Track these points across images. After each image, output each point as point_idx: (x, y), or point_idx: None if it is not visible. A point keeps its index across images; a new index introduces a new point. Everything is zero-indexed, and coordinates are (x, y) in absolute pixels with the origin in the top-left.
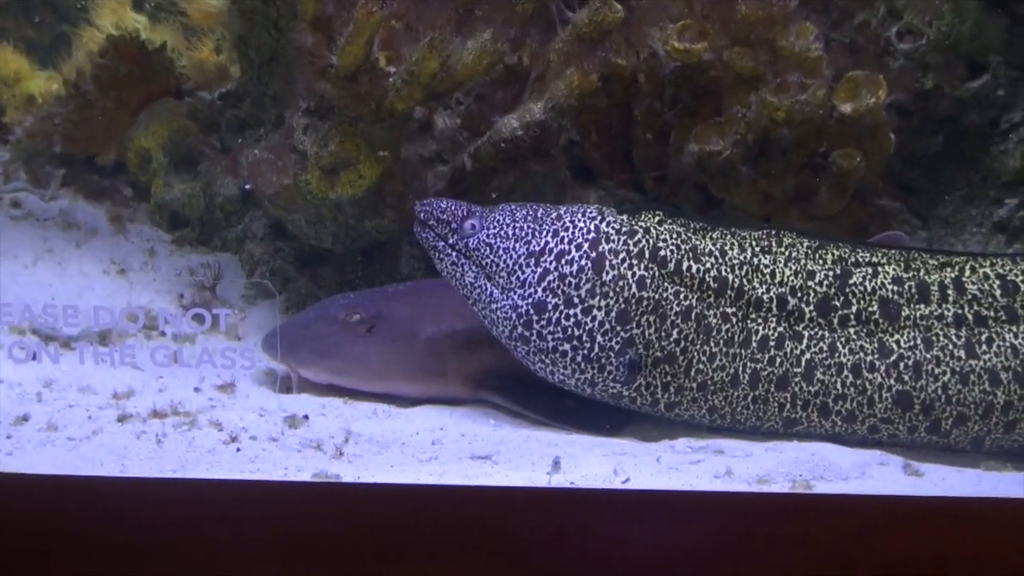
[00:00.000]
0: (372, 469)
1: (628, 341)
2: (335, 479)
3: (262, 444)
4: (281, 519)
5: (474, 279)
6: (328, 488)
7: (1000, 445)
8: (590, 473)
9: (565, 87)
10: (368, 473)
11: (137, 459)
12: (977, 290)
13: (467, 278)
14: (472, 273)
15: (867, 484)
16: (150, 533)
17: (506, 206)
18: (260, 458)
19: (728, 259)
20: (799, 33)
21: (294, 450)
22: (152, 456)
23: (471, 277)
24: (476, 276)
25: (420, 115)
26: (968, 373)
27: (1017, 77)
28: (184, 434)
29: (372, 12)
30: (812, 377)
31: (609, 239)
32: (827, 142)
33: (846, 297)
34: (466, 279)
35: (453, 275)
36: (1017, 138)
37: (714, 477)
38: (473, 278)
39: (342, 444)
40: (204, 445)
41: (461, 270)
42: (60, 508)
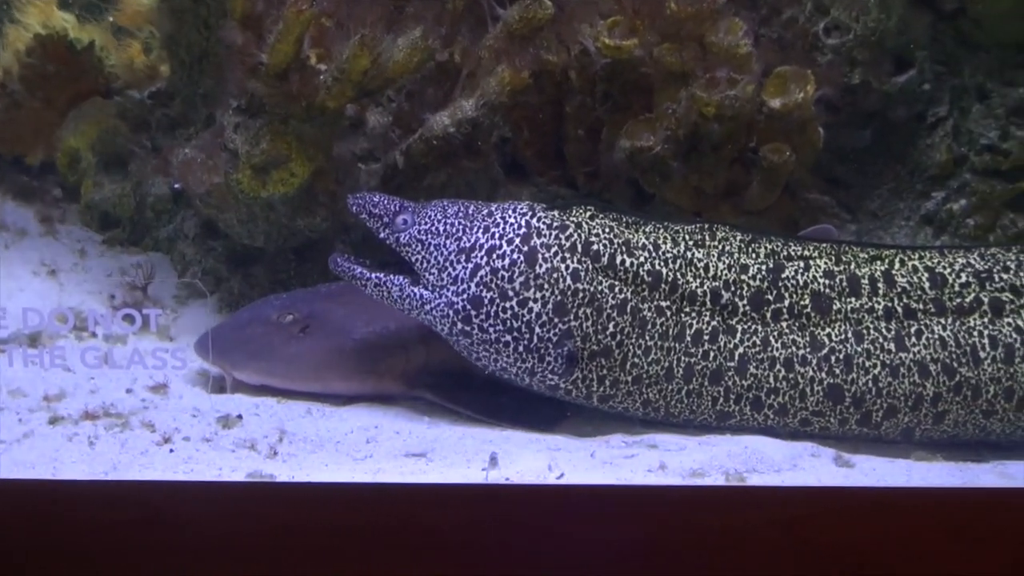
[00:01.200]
0: (307, 468)
1: (566, 333)
2: (269, 479)
3: (196, 445)
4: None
5: (400, 292)
6: (262, 488)
7: (930, 436)
8: (525, 469)
9: (497, 84)
10: (303, 472)
11: (69, 461)
12: (906, 283)
13: (394, 293)
14: (397, 287)
15: (799, 476)
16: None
17: (439, 202)
18: (194, 459)
19: (662, 253)
20: (728, 29)
21: (228, 450)
22: (85, 458)
23: (397, 292)
24: (401, 288)
25: (352, 113)
26: (898, 366)
27: (942, 72)
28: (116, 436)
29: (302, 10)
30: (745, 371)
31: (540, 234)
32: (757, 137)
33: (779, 291)
34: (393, 295)
35: (381, 296)
36: (943, 132)
37: (648, 471)
38: (399, 291)
39: (276, 444)
40: (137, 447)
41: (386, 289)
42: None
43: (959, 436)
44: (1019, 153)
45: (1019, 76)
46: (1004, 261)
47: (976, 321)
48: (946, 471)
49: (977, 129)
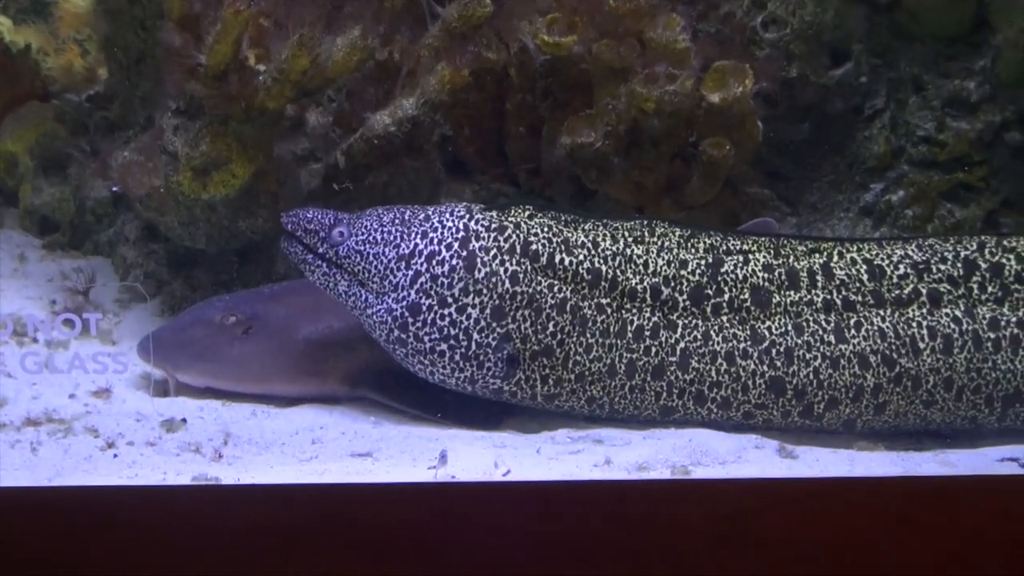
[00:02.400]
0: (252, 470)
1: (505, 336)
2: (215, 482)
3: (140, 449)
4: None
5: (347, 287)
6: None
7: (872, 427)
8: (471, 466)
9: (436, 82)
10: (248, 475)
11: (12, 468)
12: (845, 275)
13: (340, 287)
14: (345, 281)
15: (743, 468)
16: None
17: (374, 211)
18: (138, 463)
19: (601, 250)
20: (666, 25)
21: (172, 454)
22: (28, 465)
23: (344, 286)
24: (349, 284)
25: (292, 113)
26: (838, 357)
27: (879, 64)
28: (60, 441)
29: (240, 10)
30: (687, 366)
31: (479, 237)
32: (697, 132)
33: (718, 285)
34: (340, 288)
35: (326, 285)
36: (880, 124)
37: (594, 466)
38: (347, 286)
39: (221, 446)
40: (80, 452)
41: (334, 280)
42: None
43: (901, 426)
44: (955, 144)
45: (954, 67)
46: (942, 252)
47: (915, 312)
48: (888, 460)
49: (914, 121)
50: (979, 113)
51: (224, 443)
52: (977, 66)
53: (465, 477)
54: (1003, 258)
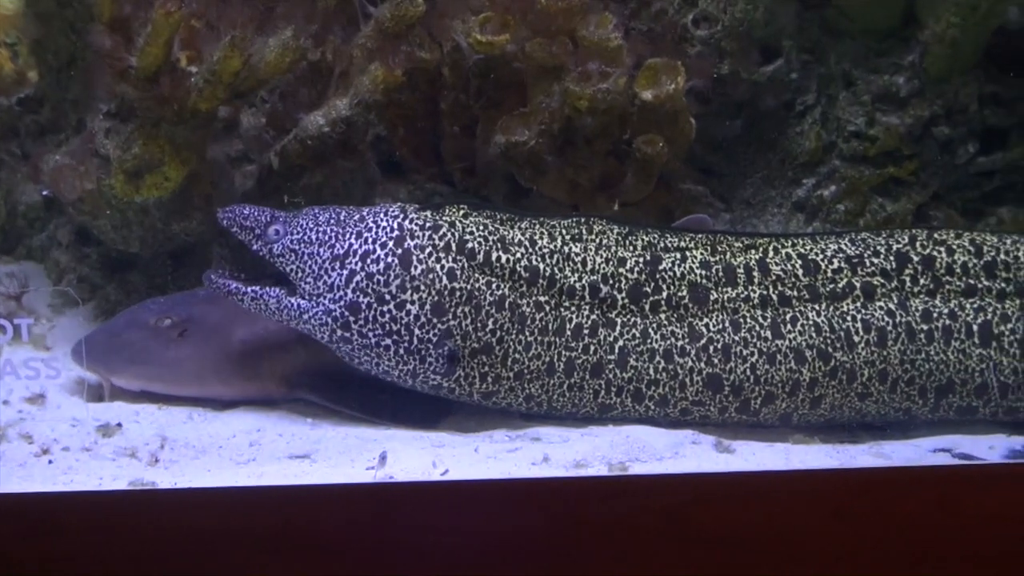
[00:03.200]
0: (189, 474)
1: (446, 332)
2: (151, 486)
3: (75, 455)
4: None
5: (277, 304)
6: (145, 495)
7: (808, 420)
8: (409, 467)
9: (370, 82)
10: (185, 478)
11: None
12: (781, 271)
13: (271, 305)
14: (274, 299)
15: (681, 463)
16: None
17: (310, 210)
18: (74, 469)
19: (538, 248)
20: (598, 23)
21: (108, 459)
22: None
23: (275, 303)
24: (279, 300)
25: (225, 115)
26: (774, 353)
27: (809, 60)
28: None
29: (171, 12)
30: (625, 363)
31: (414, 235)
32: (630, 129)
33: (656, 283)
34: (271, 307)
35: (259, 309)
36: (812, 120)
37: (532, 464)
38: (276, 303)
39: (158, 450)
40: (15, 459)
41: (263, 303)
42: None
43: (836, 419)
44: (885, 139)
45: (883, 63)
46: (874, 246)
47: (849, 306)
48: (824, 453)
49: (844, 116)
50: (908, 108)
51: (160, 447)
52: (906, 61)
53: (403, 477)
54: (934, 251)
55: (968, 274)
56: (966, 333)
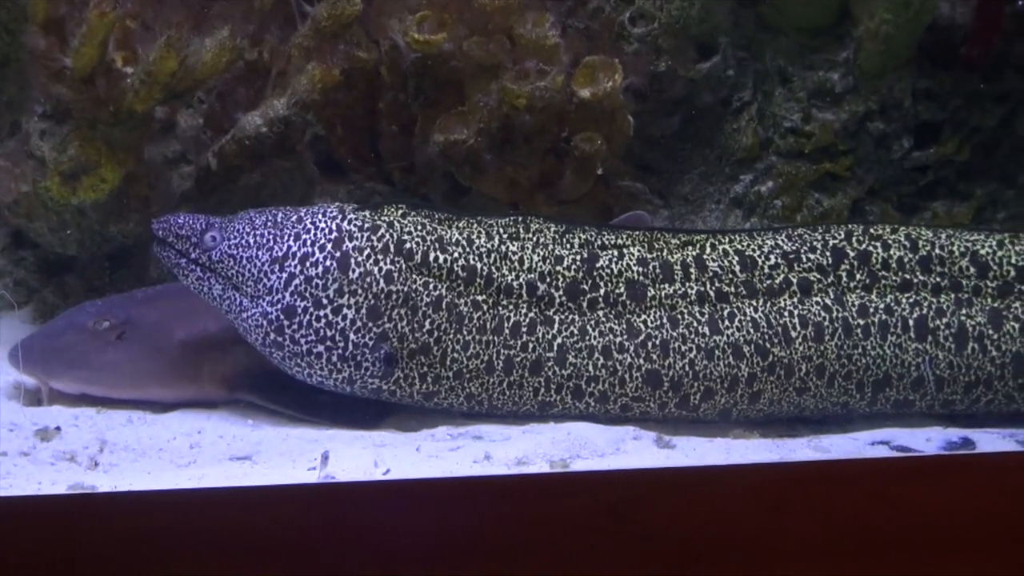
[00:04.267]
0: (129, 477)
1: (382, 336)
2: (91, 490)
3: (13, 459)
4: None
5: (222, 291)
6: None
7: (747, 415)
8: (350, 467)
9: (307, 82)
10: (125, 482)
11: None
12: (718, 267)
13: (215, 291)
14: (219, 286)
15: (622, 459)
16: None
17: (245, 214)
18: (12, 474)
19: (476, 247)
20: (535, 21)
21: (47, 463)
22: None
23: (219, 290)
24: (223, 288)
25: (161, 115)
26: (713, 348)
27: (745, 57)
28: None
29: (106, 12)
30: (564, 361)
31: (352, 237)
32: (568, 127)
33: (594, 280)
34: (214, 292)
35: (200, 290)
36: (748, 116)
37: (473, 462)
38: (221, 290)
39: (97, 454)
40: None
41: (208, 284)
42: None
43: (775, 413)
44: (821, 135)
45: (818, 59)
46: (811, 241)
47: (786, 301)
48: (763, 447)
49: (780, 112)
50: (843, 104)
51: (100, 451)
52: (840, 57)
53: (345, 477)
54: (870, 246)
55: (903, 269)
56: (902, 327)
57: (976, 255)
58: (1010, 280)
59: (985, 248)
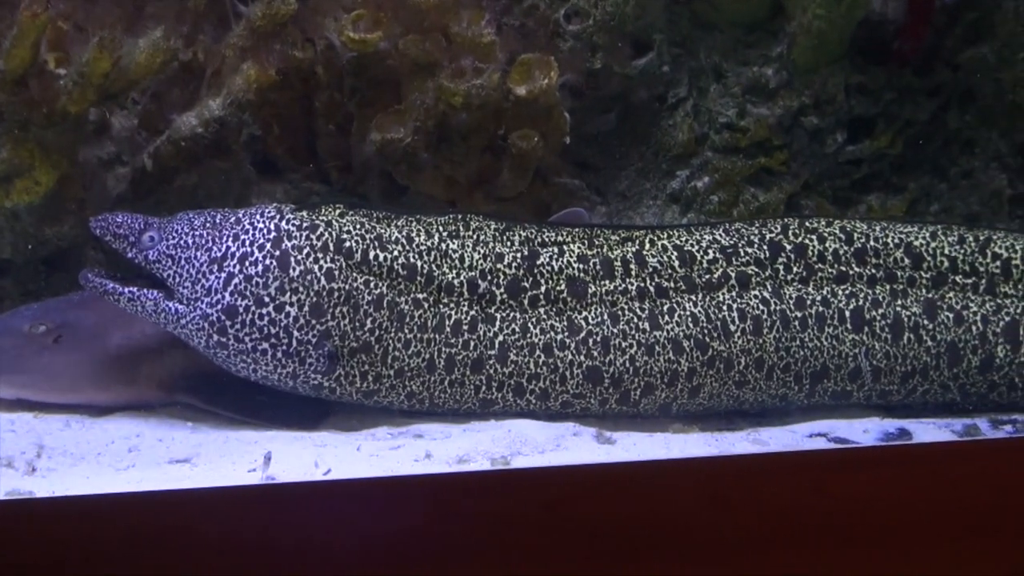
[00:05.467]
0: (68, 482)
1: (324, 333)
2: (28, 496)
3: None
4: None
5: (155, 306)
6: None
7: (687, 409)
8: (291, 467)
9: (243, 82)
10: (64, 487)
11: None
12: (657, 262)
13: (148, 307)
14: (151, 301)
15: (563, 455)
16: None
17: (184, 215)
18: None
19: (416, 246)
20: (471, 19)
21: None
22: None
23: (152, 305)
24: (156, 302)
25: (95, 117)
26: (653, 344)
27: (680, 53)
28: None
29: (37, 13)
30: (506, 358)
31: (291, 236)
32: (505, 125)
33: (535, 278)
34: (148, 308)
35: (136, 310)
36: (684, 112)
37: (414, 461)
38: (154, 305)
39: (34, 459)
40: None
41: (140, 303)
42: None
43: (714, 407)
44: (756, 130)
45: (752, 55)
46: (748, 236)
47: (725, 296)
48: (703, 441)
49: (716, 108)
50: (778, 99)
51: (37, 456)
52: (774, 53)
53: (286, 478)
54: (806, 239)
55: (839, 261)
56: (839, 319)
57: (910, 247)
58: (944, 271)
59: (919, 240)
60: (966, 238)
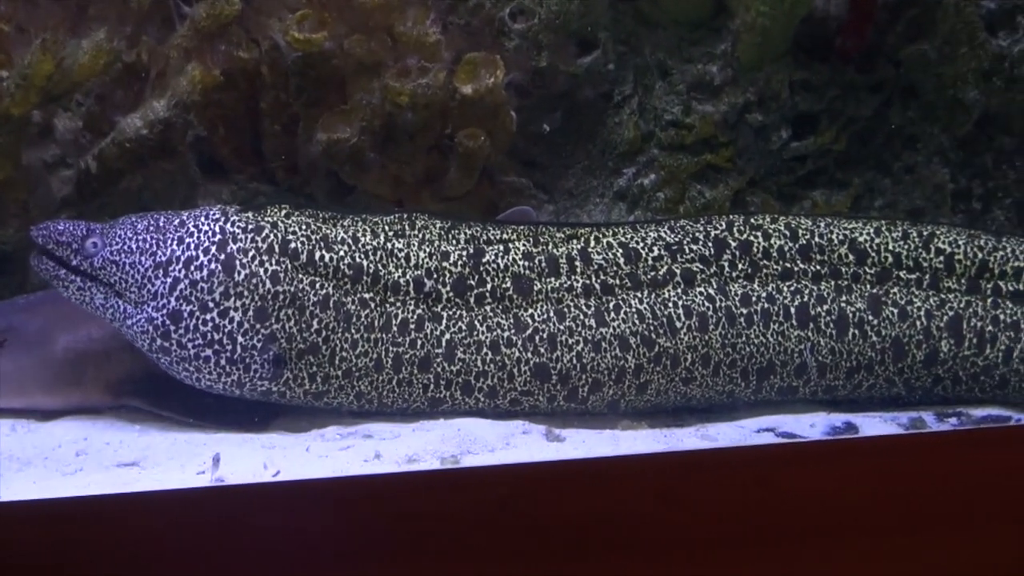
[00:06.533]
0: (14, 487)
1: (270, 337)
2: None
3: None
4: None
5: (104, 300)
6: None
7: (634, 406)
8: (240, 469)
9: (188, 83)
10: (10, 492)
11: None
12: (602, 259)
13: (97, 300)
14: (101, 295)
15: (512, 454)
16: None
17: (127, 219)
18: None
19: (362, 246)
20: (416, 18)
21: None
22: None
23: (101, 299)
24: (106, 296)
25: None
26: (599, 341)
27: (625, 52)
28: None
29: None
30: (453, 357)
31: (236, 239)
32: (452, 124)
33: (481, 276)
34: (96, 301)
35: (82, 300)
36: (629, 110)
37: (364, 461)
38: (103, 299)
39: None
40: None
41: (89, 294)
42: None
43: (662, 404)
44: (701, 127)
45: (697, 52)
46: (693, 233)
47: (670, 293)
48: (651, 437)
49: (661, 105)
50: (723, 96)
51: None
52: (719, 50)
53: (235, 480)
54: (751, 236)
55: (784, 258)
56: (784, 315)
57: (855, 242)
58: (888, 266)
59: (863, 235)
60: (910, 233)
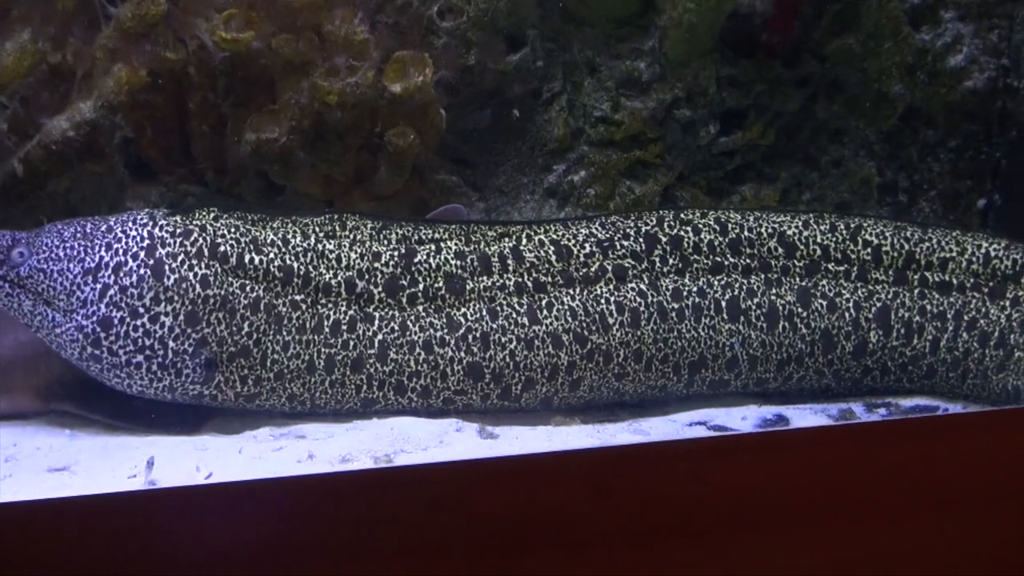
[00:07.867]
0: None
1: (201, 341)
2: None
3: None
4: None
5: (32, 307)
6: None
7: (568, 403)
8: (172, 472)
9: (114, 84)
10: None
11: None
12: (534, 257)
13: (25, 307)
14: (29, 302)
15: (446, 451)
16: None
17: (52, 226)
18: None
19: (292, 247)
20: (344, 17)
21: None
22: None
23: (29, 306)
24: (34, 304)
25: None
26: (532, 339)
27: (553, 48)
28: None
29: None
30: (386, 357)
31: (165, 243)
32: (381, 122)
33: (412, 276)
34: (24, 309)
35: (11, 308)
36: (559, 107)
37: (297, 462)
38: (31, 306)
39: None
40: None
41: (17, 301)
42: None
43: (595, 400)
44: (630, 123)
45: (625, 49)
46: (624, 229)
47: (602, 289)
48: (585, 433)
49: (590, 102)
50: (651, 92)
51: None
52: (646, 47)
53: (167, 483)
54: (681, 231)
55: (714, 252)
56: (715, 309)
57: (783, 236)
58: (816, 259)
59: (792, 229)
60: (838, 226)
